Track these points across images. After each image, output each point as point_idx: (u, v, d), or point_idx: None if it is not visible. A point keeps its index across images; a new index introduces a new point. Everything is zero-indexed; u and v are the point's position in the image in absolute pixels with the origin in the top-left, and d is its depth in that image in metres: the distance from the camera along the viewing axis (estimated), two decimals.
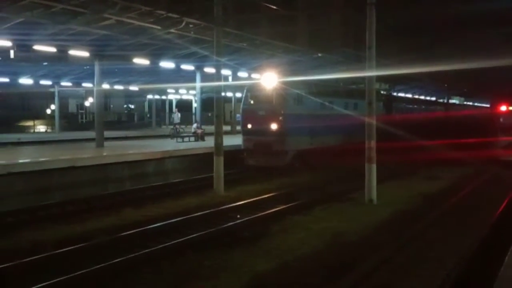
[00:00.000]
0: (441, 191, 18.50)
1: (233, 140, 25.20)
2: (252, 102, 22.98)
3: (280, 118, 21.82)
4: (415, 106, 44.69)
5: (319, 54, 33.25)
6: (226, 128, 29.05)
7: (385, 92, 41.06)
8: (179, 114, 33.69)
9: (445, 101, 65.01)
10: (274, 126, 21.76)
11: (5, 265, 9.12)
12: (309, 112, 23.02)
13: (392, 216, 14.13)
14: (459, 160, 24.16)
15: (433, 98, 65.02)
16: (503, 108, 26.28)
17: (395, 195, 16.97)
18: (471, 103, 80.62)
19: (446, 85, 57.77)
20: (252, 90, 23.42)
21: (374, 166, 15.80)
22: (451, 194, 17.66)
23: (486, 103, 68.92)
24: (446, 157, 24.55)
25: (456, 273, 9.06)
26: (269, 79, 22.06)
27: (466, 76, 46.42)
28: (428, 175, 21.84)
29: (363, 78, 35.19)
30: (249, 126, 22.48)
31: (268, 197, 16.61)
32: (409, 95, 56.46)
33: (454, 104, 72.41)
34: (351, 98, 27.48)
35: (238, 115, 35.72)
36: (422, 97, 61.08)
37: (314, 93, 23.69)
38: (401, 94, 54.72)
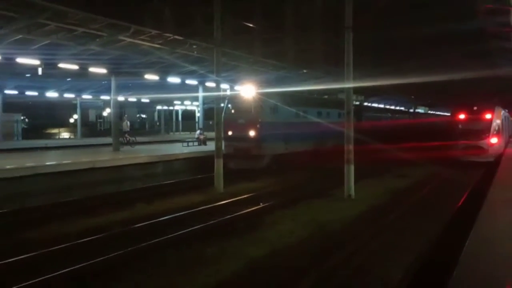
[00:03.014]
0: (409, 187, 18.53)
1: None
2: (232, 111, 22.27)
3: (257, 125, 21.47)
4: (383, 115, 44.73)
5: (304, 71, 33.29)
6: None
7: (357, 103, 41.18)
8: (129, 123, 30.02)
9: (412, 110, 65.23)
10: (252, 133, 21.42)
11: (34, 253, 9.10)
12: (284, 120, 22.53)
13: (368, 208, 14.15)
14: (425, 160, 24.21)
15: (402, 108, 65.16)
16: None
17: (370, 191, 16.94)
18: (434, 112, 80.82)
19: (412, 96, 57.93)
20: (232, 101, 22.77)
21: (352, 167, 15.80)
22: (417, 189, 17.72)
23: (447, 112, 69.25)
24: (412, 158, 24.61)
25: (422, 255, 9.06)
26: (248, 91, 21.75)
27: (430, 88, 46.58)
28: (397, 174, 21.83)
29: (334, 90, 35.55)
30: (230, 133, 21.72)
31: (260, 193, 16.62)
32: (380, 105, 56.45)
33: (420, 113, 72.61)
34: (323, 107, 27.24)
35: None
36: (391, 107, 61.15)
37: (289, 103, 23.29)
38: (374, 105, 54.78)
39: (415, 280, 7.71)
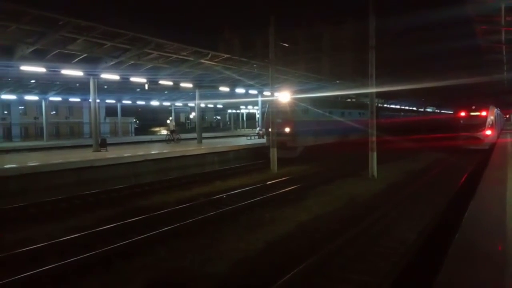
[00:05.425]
0: (420, 169, 17.77)
1: None
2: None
3: (292, 123, 20.74)
4: (398, 113, 42.92)
5: (337, 81, 32.54)
6: None
7: (379, 105, 39.84)
8: (174, 122, 27.80)
9: (422, 109, 62.28)
10: (288, 129, 20.71)
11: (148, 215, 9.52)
12: (313, 119, 21.58)
13: (388, 185, 13.75)
14: (433, 149, 23.18)
15: (414, 108, 62.28)
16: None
17: (389, 172, 16.42)
18: (440, 111, 76.72)
19: (423, 98, 55.29)
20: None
21: (375, 154, 15.42)
22: (427, 170, 16.97)
23: (451, 111, 65.65)
24: (423, 147, 23.65)
25: (433, 220, 8.72)
26: (284, 96, 20.97)
27: (437, 92, 44.40)
28: (411, 159, 21.00)
29: (356, 95, 34.52)
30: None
31: (304, 174, 16.50)
32: (396, 106, 54.14)
33: (428, 111, 69.27)
34: (346, 109, 26.25)
35: None
36: (406, 107, 58.51)
37: (317, 106, 22.32)
38: (392, 106, 52.71)
39: (427, 239, 7.46)
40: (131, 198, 12.20)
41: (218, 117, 73.73)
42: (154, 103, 41.87)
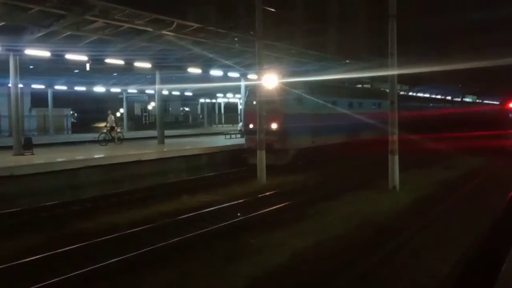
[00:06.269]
0: (457, 179, 17.92)
1: None
2: (254, 102, 19.99)
3: (281, 118, 19.97)
4: (425, 104, 43.58)
5: (347, 61, 32.81)
6: None
7: (402, 93, 40.42)
8: (113, 117, 26.43)
9: (459, 99, 63.30)
10: (274, 126, 19.85)
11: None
12: (310, 112, 20.96)
13: (413, 201, 13.84)
14: (473, 150, 23.54)
15: (448, 97, 63.28)
16: None
17: (415, 182, 16.56)
18: (482, 101, 78.09)
19: (460, 85, 56.20)
20: (254, 91, 20.47)
21: (396, 157, 15.52)
22: (466, 181, 17.21)
23: (497, 101, 66.88)
24: (460, 148, 23.97)
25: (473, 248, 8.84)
26: (269, 81, 19.05)
27: (478, 76, 45.15)
28: (444, 165, 21.27)
29: (371, 78, 34.69)
30: (251, 126, 20.07)
31: (301, 185, 16.57)
32: (426, 95, 54.96)
33: (467, 101, 70.43)
34: (355, 98, 25.92)
35: None
36: (437, 96, 59.40)
37: (316, 94, 21.61)
38: (419, 94, 53.50)
39: (464, 272, 7.55)
40: (67, 220, 12.07)
41: (187, 109, 73.53)
42: (99, 89, 41.52)
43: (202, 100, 62.63)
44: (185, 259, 8.68)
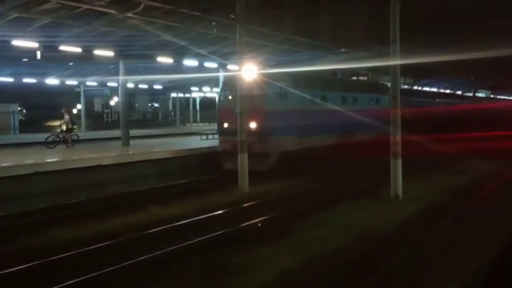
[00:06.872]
0: (467, 186, 18.05)
1: None
2: (229, 97, 20.02)
3: (261, 115, 19.69)
4: (431, 100, 44.05)
5: (343, 50, 33.03)
6: None
7: (405, 87, 40.83)
8: (68, 117, 25.55)
9: (471, 94, 64.10)
10: (253, 125, 19.47)
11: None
12: (296, 108, 20.85)
13: (418, 211, 13.94)
14: (486, 152, 23.79)
15: (457, 92, 64.08)
16: None
17: (420, 190, 16.69)
18: (496, 96, 79.24)
19: (472, 78, 56.92)
20: (229, 84, 20.49)
21: (399, 161, 15.58)
22: (478, 188, 17.39)
23: None
24: (472, 150, 24.20)
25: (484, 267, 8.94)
26: (249, 71, 18.53)
27: (494, 68, 45.73)
28: (453, 169, 21.49)
29: (370, 69, 34.80)
30: (226, 125, 20.28)
31: (289, 193, 16.64)
32: (429, 89, 55.53)
33: (479, 97, 71.33)
34: (350, 92, 26.07)
35: None
36: (445, 90, 60.06)
37: (303, 87, 21.55)
38: (426, 88, 54.10)
39: None
40: (14, 234, 11.94)
41: (156, 105, 73.29)
42: (53, 81, 41.12)
43: (174, 95, 62.37)
44: (154, 282, 8.63)
